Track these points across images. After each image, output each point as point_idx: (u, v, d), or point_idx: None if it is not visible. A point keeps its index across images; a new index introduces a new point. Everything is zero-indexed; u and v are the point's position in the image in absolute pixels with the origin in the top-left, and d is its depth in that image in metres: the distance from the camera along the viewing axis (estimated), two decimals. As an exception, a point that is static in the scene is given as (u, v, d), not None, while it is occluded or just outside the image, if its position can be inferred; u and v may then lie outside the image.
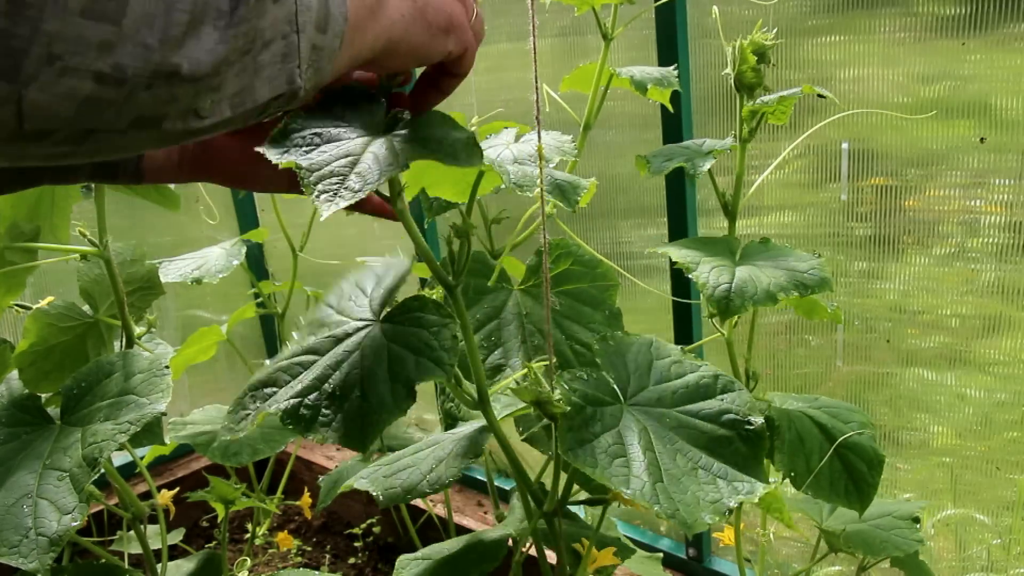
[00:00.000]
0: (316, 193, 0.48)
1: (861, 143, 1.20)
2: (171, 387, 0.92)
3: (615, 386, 0.65)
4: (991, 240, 1.14)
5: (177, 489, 1.39)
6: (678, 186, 1.27)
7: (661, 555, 1.17)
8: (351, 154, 0.51)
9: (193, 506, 1.71)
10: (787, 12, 1.18)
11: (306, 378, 0.65)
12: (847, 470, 0.87)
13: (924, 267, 1.20)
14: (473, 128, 1.09)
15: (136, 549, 1.23)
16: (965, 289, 1.18)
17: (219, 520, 1.33)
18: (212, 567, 1.22)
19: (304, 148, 0.52)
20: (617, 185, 1.47)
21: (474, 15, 0.62)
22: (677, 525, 0.54)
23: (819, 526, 1.01)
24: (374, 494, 0.76)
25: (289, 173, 0.64)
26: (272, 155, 0.51)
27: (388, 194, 0.67)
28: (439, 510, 1.69)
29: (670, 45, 1.20)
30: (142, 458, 1.24)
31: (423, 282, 1.56)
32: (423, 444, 0.84)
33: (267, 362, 0.70)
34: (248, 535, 1.71)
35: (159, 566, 1.19)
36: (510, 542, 0.90)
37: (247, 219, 2.10)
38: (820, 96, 0.84)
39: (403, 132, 0.56)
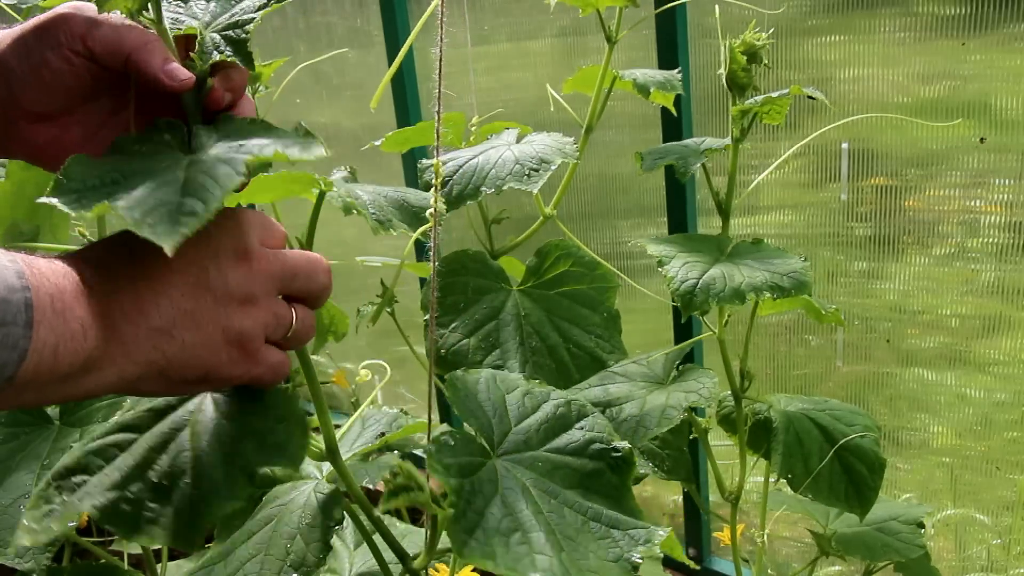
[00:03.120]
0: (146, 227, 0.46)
1: (861, 143, 1.20)
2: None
3: (480, 439, 0.59)
4: (991, 240, 1.14)
5: (177, 489, 1.39)
6: (678, 186, 1.27)
7: (661, 555, 1.17)
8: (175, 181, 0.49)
9: (193, 505, 1.71)
10: (787, 12, 1.18)
11: (124, 464, 0.56)
12: (847, 473, 0.87)
13: (924, 267, 1.20)
14: (473, 128, 1.10)
15: (136, 549, 1.23)
16: (965, 289, 1.18)
17: (219, 520, 1.32)
18: (212, 567, 1.22)
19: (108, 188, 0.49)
20: (617, 185, 1.46)
21: (288, 329, 0.58)
22: None
23: (823, 528, 1.01)
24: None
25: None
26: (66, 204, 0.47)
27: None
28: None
29: (670, 45, 1.19)
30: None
31: (422, 281, 1.56)
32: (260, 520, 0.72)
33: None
34: (248, 534, 1.71)
35: (159, 566, 1.19)
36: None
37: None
38: (810, 98, 0.83)
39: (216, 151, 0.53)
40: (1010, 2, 1.02)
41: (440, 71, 0.64)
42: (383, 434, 0.74)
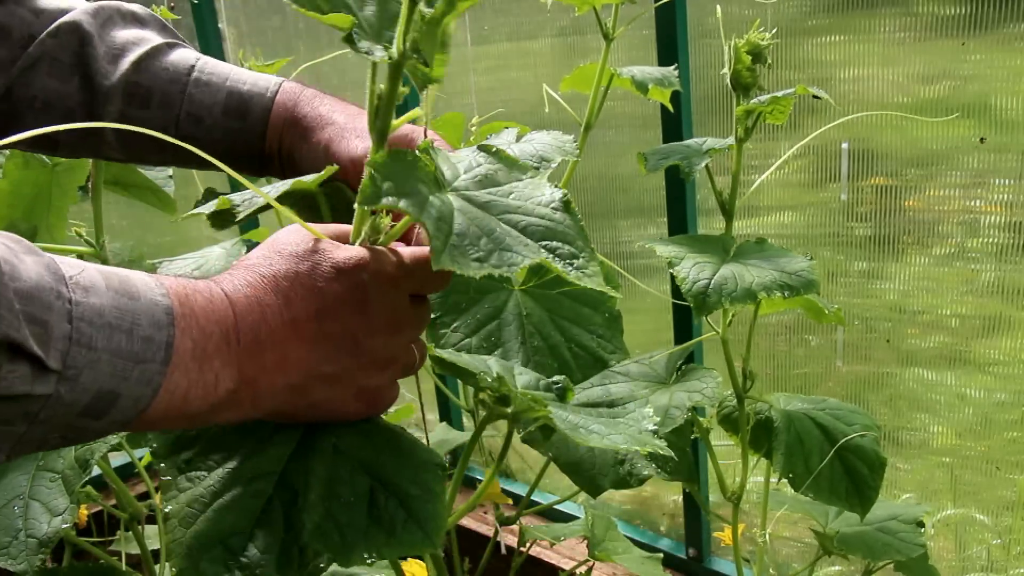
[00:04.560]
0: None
1: (861, 143, 1.20)
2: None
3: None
4: (991, 240, 1.14)
5: (176, 489, 1.38)
6: (678, 186, 1.27)
7: (661, 555, 1.17)
8: None
9: (192, 506, 1.70)
10: (787, 12, 1.18)
11: (293, 500, 0.54)
12: (848, 472, 0.87)
13: (924, 267, 1.20)
14: (473, 128, 1.09)
15: (135, 549, 1.23)
16: (965, 289, 1.18)
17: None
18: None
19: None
20: (617, 185, 1.46)
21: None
22: (660, 451, 0.58)
23: (823, 528, 1.01)
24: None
25: None
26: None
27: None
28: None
29: (670, 45, 1.19)
30: (140, 459, 1.24)
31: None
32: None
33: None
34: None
35: (157, 567, 1.18)
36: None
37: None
38: (815, 97, 0.83)
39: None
40: (1010, 2, 1.02)
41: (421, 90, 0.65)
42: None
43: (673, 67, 1.03)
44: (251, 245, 1.72)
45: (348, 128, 0.68)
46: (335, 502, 0.52)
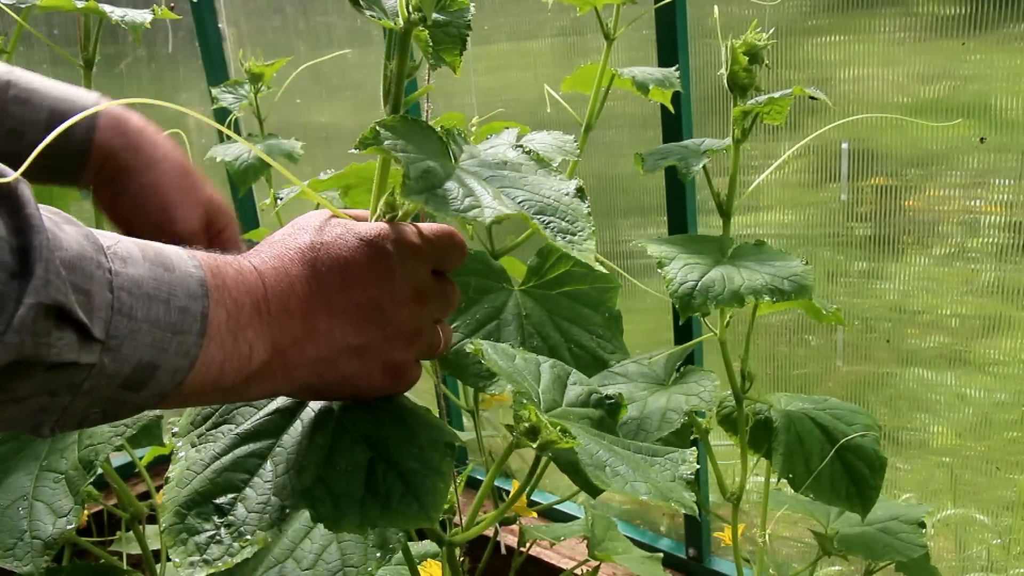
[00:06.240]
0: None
1: (861, 143, 1.20)
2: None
3: (533, 397, 0.63)
4: (991, 240, 1.14)
5: (177, 489, 1.38)
6: (678, 186, 1.27)
7: (661, 555, 1.17)
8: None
9: (193, 506, 1.70)
10: (787, 12, 1.18)
11: (287, 464, 0.54)
12: (848, 472, 0.87)
13: (924, 267, 1.20)
14: (473, 128, 1.10)
15: (136, 549, 1.23)
16: (965, 289, 1.18)
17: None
18: (212, 567, 1.21)
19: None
20: (617, 185, 1.46)
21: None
22: (684, 510, 0.55)
23: (824, 528, 1.01)
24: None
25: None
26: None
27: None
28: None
29: (670, 45, 1.19)
30: (141, 459, 1.24)
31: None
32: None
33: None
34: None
35: (158, 566, 1.19)
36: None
37: (247, 218, 2.10)
38: (812, 98, 0.83)
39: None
40: (1010, 2, 1.02)
41: (429, 70, 0.66)
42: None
43: (674, 68, 1.03)
44: (249, 245, 1.72)
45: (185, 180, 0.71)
46: (331, 470, 0.53)
